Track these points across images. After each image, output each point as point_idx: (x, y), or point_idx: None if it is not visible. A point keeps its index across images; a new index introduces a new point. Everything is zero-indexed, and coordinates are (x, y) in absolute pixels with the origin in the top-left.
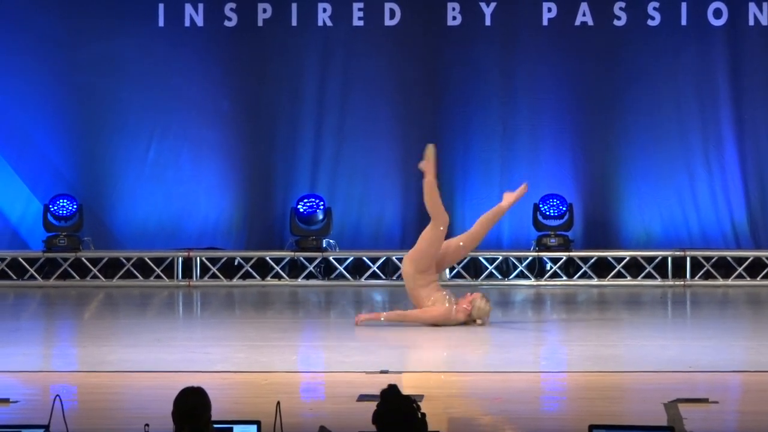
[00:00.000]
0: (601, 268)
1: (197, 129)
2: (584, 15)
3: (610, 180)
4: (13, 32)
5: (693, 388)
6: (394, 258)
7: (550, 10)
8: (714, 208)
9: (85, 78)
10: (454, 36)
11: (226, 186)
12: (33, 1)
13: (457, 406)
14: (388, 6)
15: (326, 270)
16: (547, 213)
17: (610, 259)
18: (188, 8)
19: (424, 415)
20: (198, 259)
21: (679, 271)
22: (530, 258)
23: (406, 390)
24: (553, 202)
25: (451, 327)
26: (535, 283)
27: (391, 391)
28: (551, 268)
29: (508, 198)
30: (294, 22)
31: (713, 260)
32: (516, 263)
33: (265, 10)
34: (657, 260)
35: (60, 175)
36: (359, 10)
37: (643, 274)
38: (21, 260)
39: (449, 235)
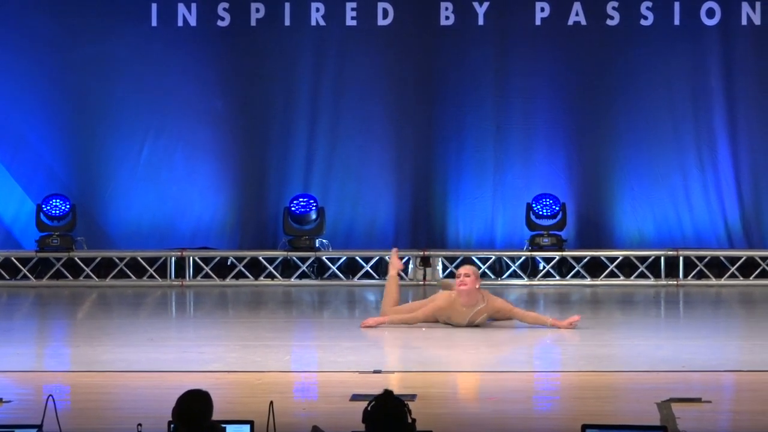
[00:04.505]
0: (594, 267)
1: (190, 129)
2: (577, 15)
3: (604, 180)
4: (6, 32)
5: (686, 388)
6: (387, 258)
7: (543, 9)
8: (707, 207)
9: (78, 78)
10: (447, 36)
11: (220, 186)
12: (25, 1)
13: (449, 406)
14: (381, 6)
15: (319, 270)
16: (540, 213)
17: (603, 258)
18: (181, 8)
19: (414, 420)
20: (191, 258)
21: (672, 270)
22: (523, 257)
23: (398, 390)
24: (546, 201)
25: (443, 326)
26: (528, 282)
27: (385, 393)
28: (544, 267)
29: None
30: (287, 22)
31: (706, 260)
32: (509, 263)
33: (258, 10)
34: (650, 260)
35: (53, 175)
36: (352, 9)
37: (636, 274)
38: (14, 260)
39: None
